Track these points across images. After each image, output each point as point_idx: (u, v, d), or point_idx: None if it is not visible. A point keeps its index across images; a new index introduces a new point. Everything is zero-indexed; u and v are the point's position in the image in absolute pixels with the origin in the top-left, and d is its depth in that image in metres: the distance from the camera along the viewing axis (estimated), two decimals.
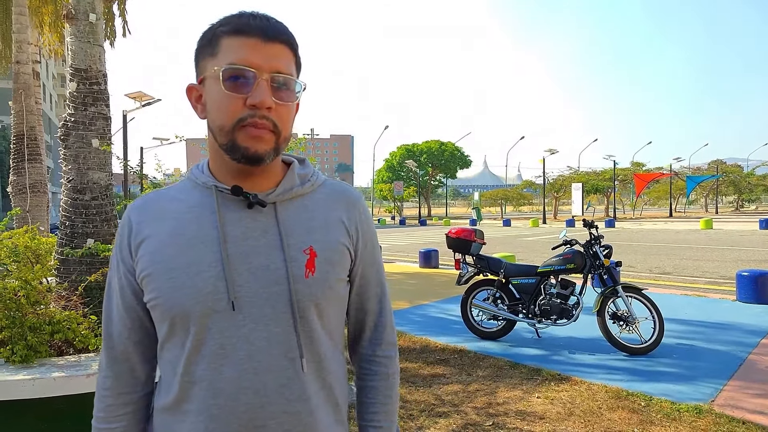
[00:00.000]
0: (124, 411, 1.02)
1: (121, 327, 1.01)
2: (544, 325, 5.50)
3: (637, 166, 51.78)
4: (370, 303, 1.09)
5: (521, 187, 59.90)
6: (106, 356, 1.03)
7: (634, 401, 3.89)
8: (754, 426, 3.42)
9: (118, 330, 1.02)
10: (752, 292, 7.40)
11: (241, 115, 0.89)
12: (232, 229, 0.94)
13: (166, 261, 0.93)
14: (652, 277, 10.61)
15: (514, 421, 3.59)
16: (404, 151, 59.91)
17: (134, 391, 1.03)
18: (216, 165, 0.99)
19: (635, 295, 5.22)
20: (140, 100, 19.14)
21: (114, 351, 1.02)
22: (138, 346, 1.02)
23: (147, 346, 1.03)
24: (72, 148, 3.71)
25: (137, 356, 1.02)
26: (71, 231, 3.65)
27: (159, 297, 0.93)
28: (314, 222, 0.99)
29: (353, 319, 1.11)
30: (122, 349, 1.02)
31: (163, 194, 1.03)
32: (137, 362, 1.03)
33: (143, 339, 1.02)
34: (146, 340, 1.02)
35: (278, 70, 0.90)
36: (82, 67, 3.77)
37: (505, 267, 5.73)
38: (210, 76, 0.92)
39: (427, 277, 10.66)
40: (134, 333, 1.02)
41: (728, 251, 15.15)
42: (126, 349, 1.02)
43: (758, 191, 59.28)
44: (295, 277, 0.93)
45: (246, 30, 0.90)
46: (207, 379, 0.92)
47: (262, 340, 0.92)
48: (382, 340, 1.10)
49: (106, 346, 1.04)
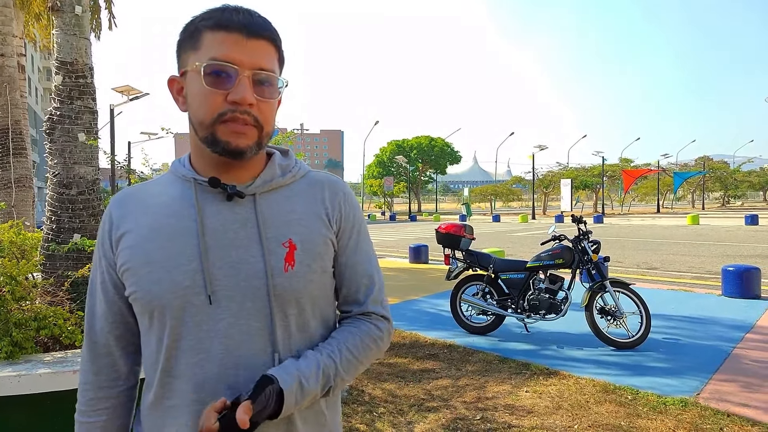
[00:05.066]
0: (105, 405, 1.02)
1: (104, 321, 1.01)
2: (532, 319, 5.53)
3: (626, 163, 52.24)
4: (359, 294, 1.04)
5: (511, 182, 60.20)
6: (88, 350, 1.03)
7: (621, 395, 3.92)
8: (739, 419, 3.47)
9: (101, 324, 1.02)
10: (737, 287, 7.49)
11: (222, 110, 0.89)
12: (210, 221, 0.94)
13: (145, 254, 0.93)
14: (639, 272, 10.71)
15: (502, 415, 3.62)
16: (394, 147, 59.90)
17: (115, 385, 1.03)
18: (197, 158, 0.99)
19: (623, 290, 5.27)
20: (128, 94, 18.94)
21: (96, 345, 1.02)
22: (120, 341, 1.02)
23: (129, 341, 1.03)
24: (58, 142, 3.67)
25: (119, 350, 1.02)
26: (57, 226, 3.61)
27: (138, 291, 0.92)
28: (294, 214, 0.98)
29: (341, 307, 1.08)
30: (104, 342, 1.02)
31: (144, 188, 1.02)
32: (119, 356, 1.03)
33: (125, 333, 1.02)
34: (128, 335, 1.02)
35: (260, 67, 0.90)
36: (68, 60, 3.72)
37: (495, 262, 5.75)
38: (191, 70, 0.91)
39: (417, 273, 10.68)
40: (116, 327, 1.01)
41: (714, 247, 15.33)
42: (108, 343, 1.02)
43: (743, 187, 60.04)
44: (274, 271, 0.92)
45: (228, 25, 0.89)
46: (187, 374, 0.91)
47: (242, 335, 0.91)
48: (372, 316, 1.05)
49: (88, 340, 1.04)
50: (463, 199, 47.74)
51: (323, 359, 0.93)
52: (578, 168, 50.45)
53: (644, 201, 64.10)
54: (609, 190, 55.26)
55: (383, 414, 3.64)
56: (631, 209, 55.77)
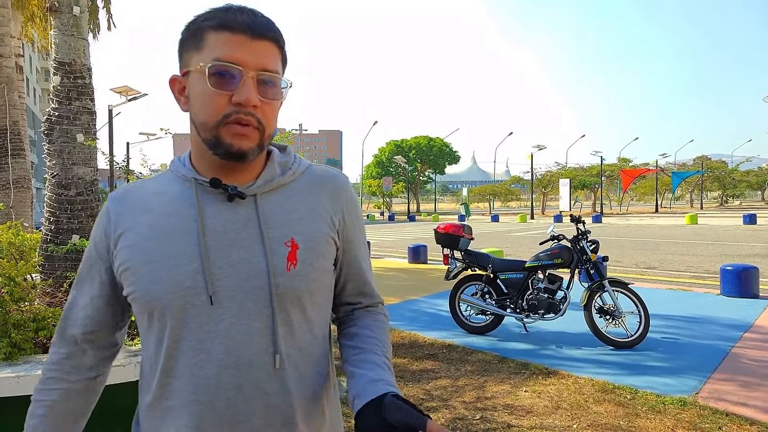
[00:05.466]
0: (59, 386, 1.01)
1: (81, 313, 1.01)
2: (531, 319, 5.54)
3: (624, 162, 52.31)
4: (366, 287, 1.10)
5: (509, 182, 60.26)
6: (58, 336, 1.04)
7: (620, 394, 3.93)
8: (737, 418, 3.48)
9: (76, 315, 1.02)
10: (735, 287, 7.50)
11: (226, 112, 0.88)
12: (211, 222, 0.93)
13: (145, 254, 0.92)
14: (638, 271, 10.73)
15: (502, 415, 3.62)
16: (393, 147, 59.92)
17: (75, 372, 1.02)
18: (197, 158, 0.98)
19: (621, 289, 5.28)
20: (126, 94, 18.93)
21: (65, 333, 1.02)
22: (90, 335, 1.02)
23: (101, 337, 1.03)
24: (56, 143, 3.66)
25: (88, 344, 1.02)
26: (56, 227, 3.61)
27: (137, 290, 0.92)
28: (296, 213, 0.98)
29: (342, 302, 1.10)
30: (73, 333, 1.02)
31: (144, 186, 1.02)
32: (87, 348, 1.02)
33: (99, 330, 1.02)
34: (101, 332, 1.02)
35: (265, 68, 0.89)
36: (66, 61, 3.71)
37: (493, 262, 5.76)
38: (195, 70, 0.90)
39: (416, 273, 10.68)
40: (91, 322, 1.01)
41: (713, 246, 15.35)
42: (76, 335, 1.01)
43: (742, 187, 60.19)
44: (276, 270, 0.92)
45: (232, 25, 0.88)
46: (186, 374, 0.91)
47: (242, 335, 0.91)
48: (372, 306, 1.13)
49: (60, 326, 1.04)
50: (462, 199, 47.78)
51: (384, 360, 0.99)
52: (577, 168, 50.53)
53: (643, 200, 64.20)
54: (607, 190, 55.34)
55: None
56: (630, 209, 55.84)
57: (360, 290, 1.10)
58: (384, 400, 0.86)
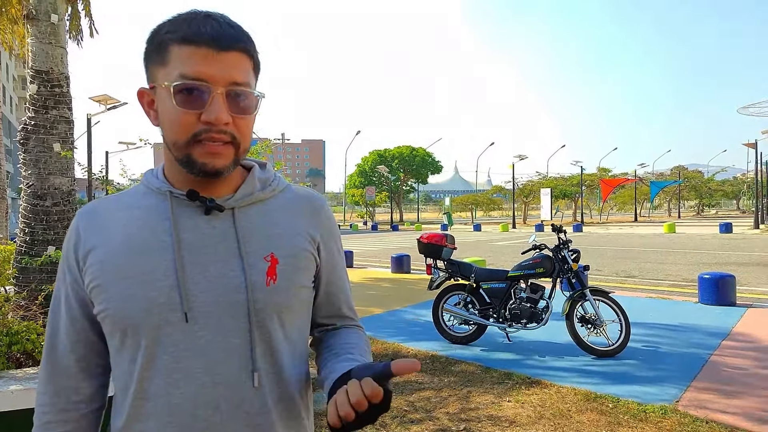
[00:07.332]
0: (64, 429, 0.95)
1: (66, 340, 0.95)
2: (514, 329, 5.55)
3: (604, 172, 53.08)
4: (343, 308, 1.08)
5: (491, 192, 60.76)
6: (47, 371, 0.97)
7: (602, 403, 3.95)
8: (717, 425, 3.52)
9: (63, 344, 0.95)
10: (713, 295, 7.63)
11: (196, 131, 0.83)
12: (187, 236, 0.89)
13: (116, 270, 0.88)
14: (618, 280, 10.85)
15: (485, 425, 3.61)
16: (376, 157, 60.04)
17: (77, 408, 0.96)
18: (171, 172, 0.94)
19: (602, 298, 5.32)
20: (105, 103, 18.70)
21: (56, 366, 0.96)
22: (82, 361, 0.96)
23: (92, 362, 0.97)
24: (32, 152, 3.59)
25: (81, 372, 0.96)
26: (31, 238, 3.53)
27: (109, 308, 0.87)
28: (276, 228, 0.95)
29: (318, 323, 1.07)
30: (65, 363, 0.95)
31: (114, 200, 0.97)
32: (82, 378, 0.96)
33: (88, 354, 0.96)
34: (92, 356, 0.96)
35: (234, 81, 0.84)
36: (44, 69, 3.66)
37: (476, 272, 5.77)
38: (161, 87, 0.86)
39: (399, 282, 10.67)
40: (80, 347, 0.95)
41: (690, 254, 15.62)
42: (69, 364, 0.95)
43: (717, 196, 61.51)
44: (254, 285, 0.89)
45: (196, 39, 0.82)
46: (162, 394, 0.86)
47: (220, 352, 0.87)
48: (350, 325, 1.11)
49: (48, 359, 0.97)
50: (445, 209, 47.98)
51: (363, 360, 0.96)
52: (557, 177, 51.11)
53: (622, 210, 65.14)
54: (588, 199, 56.07)
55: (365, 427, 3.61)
56: (610, 218, 56.62)
57: (337, 312, 1.07)
58: (352, 369, 0.84)
